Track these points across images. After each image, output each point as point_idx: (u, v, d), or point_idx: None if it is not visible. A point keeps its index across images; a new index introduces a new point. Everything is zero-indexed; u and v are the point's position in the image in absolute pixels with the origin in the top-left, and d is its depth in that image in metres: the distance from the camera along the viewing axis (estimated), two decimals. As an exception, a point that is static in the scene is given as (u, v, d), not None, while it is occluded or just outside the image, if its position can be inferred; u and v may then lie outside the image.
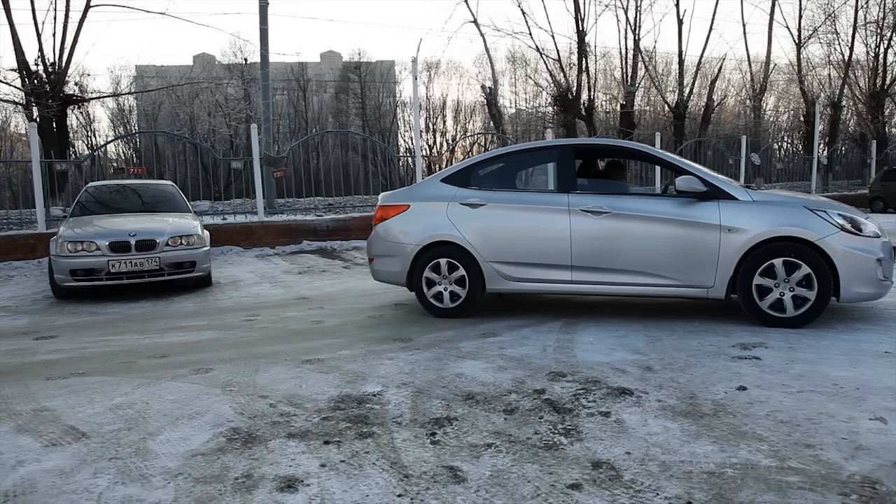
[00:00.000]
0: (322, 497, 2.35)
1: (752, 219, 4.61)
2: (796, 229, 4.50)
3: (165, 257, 6.83)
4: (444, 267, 5.35)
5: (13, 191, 17.69)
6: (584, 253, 4.98)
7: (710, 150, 21.05)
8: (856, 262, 4.44)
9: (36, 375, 4.06)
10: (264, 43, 15.68)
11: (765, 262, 4.55)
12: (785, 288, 4.55)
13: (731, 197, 4.71)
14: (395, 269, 5.55)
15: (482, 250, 5.23)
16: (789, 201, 4.72)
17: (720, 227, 4.64)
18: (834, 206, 4.71)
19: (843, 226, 4.50)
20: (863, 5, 24.16)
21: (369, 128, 41.17)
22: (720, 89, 29.81)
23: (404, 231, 5.51)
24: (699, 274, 4.72)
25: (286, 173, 13.12)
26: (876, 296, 4.63)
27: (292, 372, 3.94)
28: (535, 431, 2.91)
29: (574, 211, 5.00)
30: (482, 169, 5.60)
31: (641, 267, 4.85)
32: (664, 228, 4.78)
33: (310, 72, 46.84)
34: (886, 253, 4.60)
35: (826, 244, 4.44)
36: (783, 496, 2.26)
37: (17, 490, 2.48)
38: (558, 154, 5.38)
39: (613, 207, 4.92)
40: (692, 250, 4.70)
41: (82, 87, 16.16)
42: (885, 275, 4.58)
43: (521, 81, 42.41)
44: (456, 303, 5.36)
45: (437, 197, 5.48)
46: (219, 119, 36.43)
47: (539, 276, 5.15)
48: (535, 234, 5.14)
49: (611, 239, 4.92)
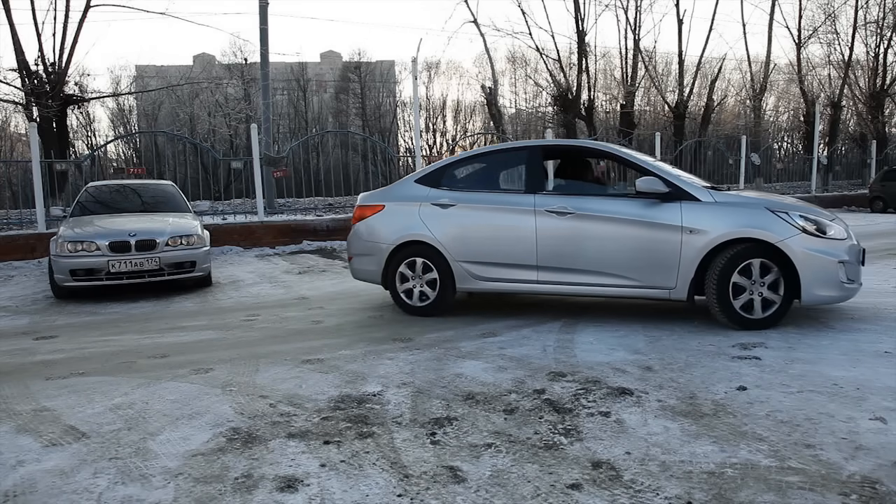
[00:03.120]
0: (322, 497, 2.35)
1: (713, 220, 4.56)
2: (757, 231, 4.45)
3: (165, 257, 6.83)
4: (415, 266, 5.46)
5: (13, 191, 17.69)
6: (549, 253, 5.01)
7: (710, 150, 21.05)
8: (817, 264, 4.39)
9: (36, 375, 4.06)
10: (264, 43, 15.67)
11: (736, 264, 4.49)
12: (756, 290, 4.52)
13: (693, 198, 4.67)
14: (372, 267, 5.67)
15: (452, 250, 5.31)
16: (751, 202, 4.65)
17: (681, 229, 4.60)
18: (797, 208, 4.65)
19: (804, 228, 4.44)
20: (863, 5, 24.16)
21: (369, 128, 41.17)
22: (720, 89, 29.81)
23: (379, 230, 5.63)
24: (661, 275, 4.70)
25: (286, 173, 13.11)
26: (840, 298, 4.58)
27: (292, 372, 3.94)
28: (535, 431, 2.91)
29: (539, 211, 5.04)
30: (454, 170, 5.70)
31: (604, 268, 4.86)
32: (626, 229, 4.77)
33: (310, 72, 46.83)
34: (852, 256, 4.55)
35: (786, 246, 4.39)
36: (783, 496, 2.26)
37: (17, 490, 2.48)
38: (527, 155, 5.40)
39: (577, 208, 4.94)
40: (654, 251, 4.68)
41: (82, 87, 16.16)
42: (851, 277, 4.52)
43: (521, 81, 42.41)
44: (426, 302, 5.45)
45: (411, 197, 5.57)
46: (219, 119, 36.43)
47: (506, 276, 5.20)
48: (502, 234, 5.20)
49: (574, 239, 4.94)
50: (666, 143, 21.15)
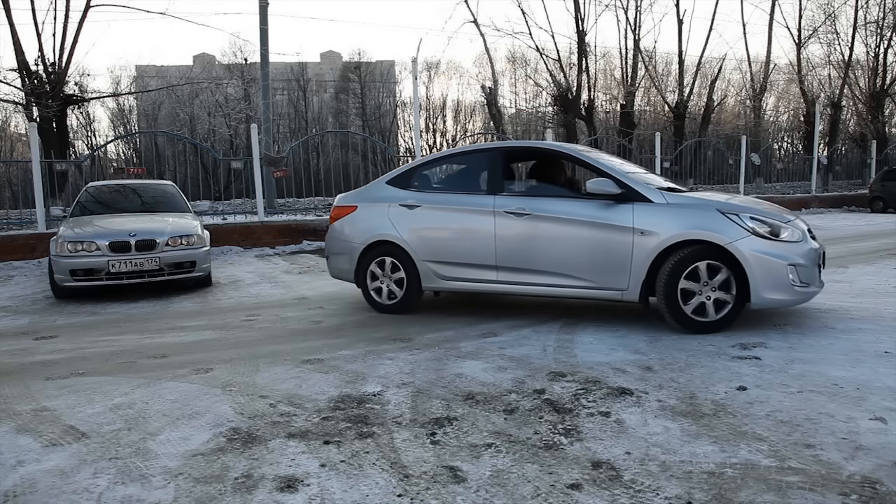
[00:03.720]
0: (322, 497, 2.35)
1: (663, 222, 4.53)
2: (706, 233, 4.41)
3: (165, 257, 6.83)
4: (384, 265, 5.62)
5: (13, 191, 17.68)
6: (507, 253, 5.08)
7: (710, 150, 21.06)
8: (766, 266, 4.32)
9: (36, 375, 4.06)
10: (264, 43, 15.68)
11: (685, 266, 4.46)
12: (707, 292, 4.48)
13: (646, 199, 4.65)
14: (346, 266, 5.85)
15: (417, 249, 5.43)
16: (702, 204, 4.60)
17: (633, 230, 4.59)
18: (748, 210, 4.56)
19: (754, 230, 4.38)
20: (863, 5, 24.18)
21: (369, 128, 41.16)
22: (720, 89, 29.80)
23: (352, 230, 5.81)
24: (614, 276, 4.70)
25: (286, 173, 13.11)
26: (792, 302, 4.52)
27: (292, 372, 3.94)
28: (535, 431, 2.91)
29: (498, 212, 5.10)
30: (422, 171, 5.80)
31: (559, 268, 4.89)
32: (580, 230, 4.79)
33: (310, 72, 46.83)
34: (807, 259, 4.46)
35: (735, 248, 4.33)
36: (783, 496, 2.26)
37: (17, 490, 2.48)
38: (490, 157, 5.46)
39: (534, 209, 4.98)
40: (607, 252, 4.69)
41: (82, 87, 16.18)
42: (804, 280, 4.43)
43: (521, 81, 42.40)
44: (393, 300, 5.60)
45: (381, 198, 5.72)
46: (219, 119, 36.43)
47: (468, 276, 5.29)
48: (464, 235, 5.29)
49: (531, 240, 4.99)
50: (666, 143, 21.13)
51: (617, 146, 20.36)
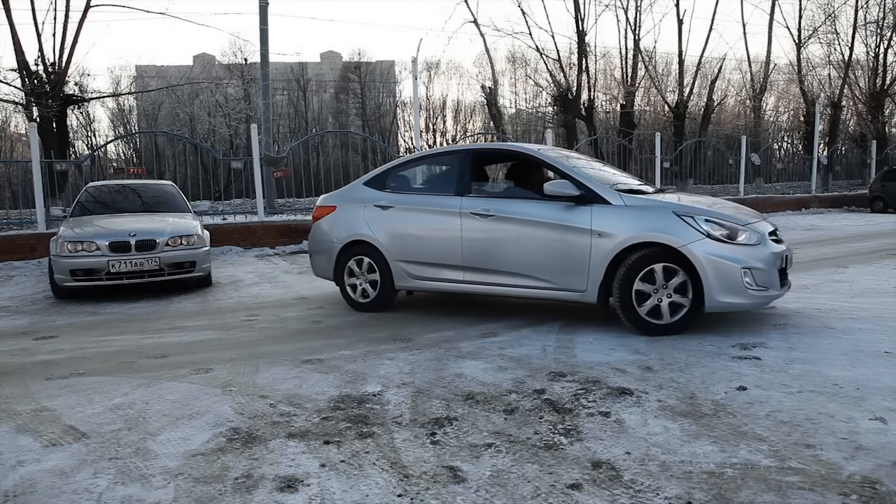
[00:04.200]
0: (322, 497, 2.35)
1: (620, 224, 4.55)
2: (660, 235, 4.41)
3: (165, 257, 6.83)
4: (360, 264, 5.77)
5: (13, 191, 17.68)
6: (473, 254, 5.17)
7: (710, 150, 21.06)
8: (720, 269, 4.28)
9: (36, 375, 4.06)
10: (264, 43, 15.68)
11: (640, 268, 4.46)
12: (662, 294, 4.47)
13: (604, 201, 4.67)
14: (325, 264, 6.03)
15: (390, 249, 5.56)
16: (659, 206, 4.60)
17: (591, 232, 4.62)
18: (704, 212, 4.52)
19: (708, 232, 4.36)
20: (863, 5, 24.17)
21: (369, 128, 41.16)
22: (720, 89, 29.79)
23: (331, 230, 5.97)
24: (573, 278, 4.73)
25: (286, 173, 13.11)
26: (748, 306, 4.46)
27: (292, 372, 3.94)
28: (535, 431, 2.91)
29: (465, 213, 5.19)
30: (396, 173, 5.93)
31: (521, 269, 4.95)
32: (541, 232, 4.83)
33: (310, 72, 46.81)
34: (766, 262, 4.41)
35: (689, 251, 4.32)
36: (783, 496, 2.26)
37: (17, 490, 2.48)
38: (458, 159, 5.56)
39: (498, 211, 5.05)
40: (566, 254, 4.72)
41: (82, 87, 16.17)
42: (762, 284, 4.38)
43: (521, 81, 42.40)
44: (367, 299, 5.75)
45: (358, 199, 5.88)
46: (219, 119, 36.42)
47: (437, 276, 5.40)
48: (432, 235, 5.40)
49: (494, 241, 5.07)
50: (666, 143, 21.13)
51: (617, 146, 20.35)
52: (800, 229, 13.24)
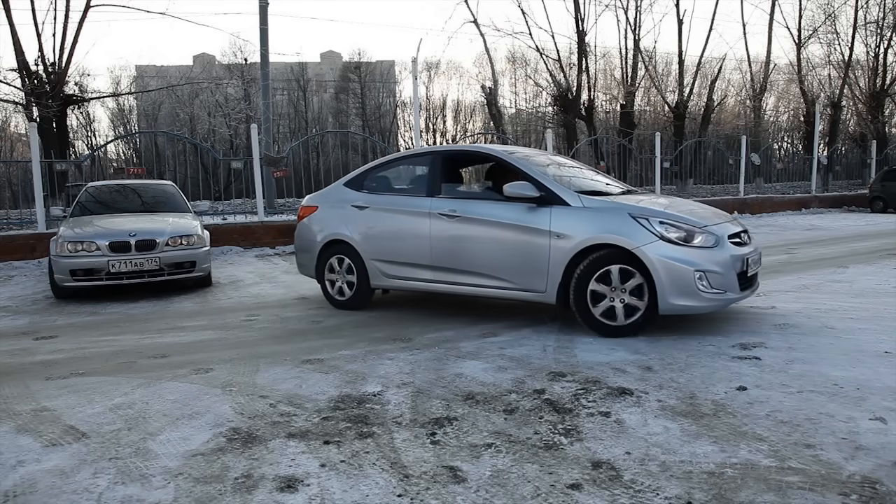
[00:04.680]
0: (322, 497, 2.35)
1: (577, 225, 4.59)
2: (615, 237, 4.43)
3: (165, 257, 6.83)
4: (338, 263, 5.93)
5: (13, 191, 17.69)
6: (440, 254, 5.26)
7: (710, 150, 21.06)
8: (673, 272, 4.26)
9: (36, 375, 4.06)
10: (264, 43, 15.68)
11: (595, 269, 4.47)
12: (617, 296, 4.47)
13: (564, 203, 4.71)
14: (308, 263, 6.21)
15: (366, 249, 5.71)
16: (615, 208, 4.62)
17: (550, 233, 4.66)
18: (660, 214, 4.50)
19: (662, 234, 4.35)
20: (863, 5, 24.18)
21: (369, 128, 41.16)
22: (720, 89, 29.80)
23: (313, 229, 6.13)
24: (533, 278, 4.77)
25: (286, 173, 13.11)
26: (702, 309, 4.43)
27: (292, 372, 3.94)
28: (535, 431, 2.91)
29: (433, 214, 5.30)
30: (373, 174, 6.06)
31: (484, 269, 5.03)
32: (504, 233, 4.89)
33: (310, 72, 46.81)
34: (722, 265, 4.36)
35: (642, 253, 4.32)
36: (783, 496, 2.26)
37: (17, 490, 2.48)
38: (429, 160, 5.66)
39: (464, 212, 5.14)
40: (527, 255, 4.77)
41: (82, 87, 16.17)
42: (717, 286, 4.35)
43: (521, 81, 42.40)
44: (345, 297, 5.91)
45: (338, 199, 6.04)
46: (219, 119, 36.43)
47: (408, 275, 5.52)
48: (404, 235, 5.51)
49: (460, 241, 5.15)
50: (666, 143, 21.13)
51: (617, 146, 20.35)
52: (800, 229, 13.24)
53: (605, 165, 18.98)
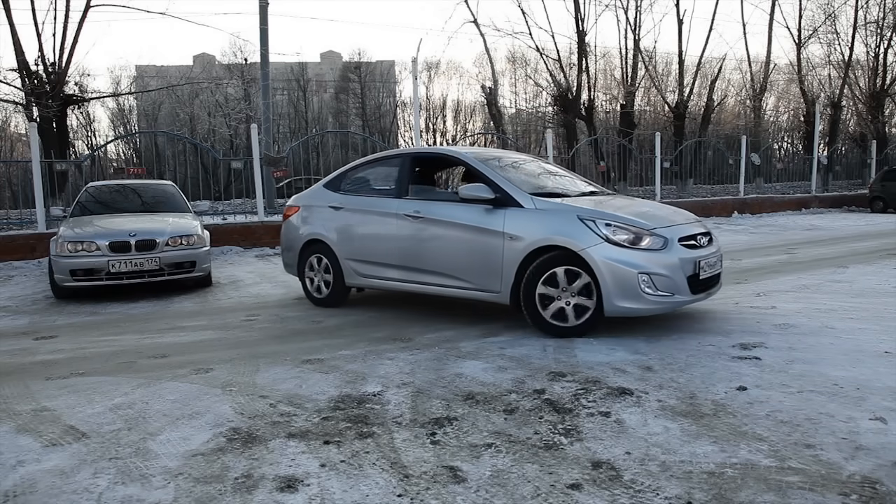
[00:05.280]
0: (322, 497, 2.35)
1: (529, 227, 4.64)
2: (562, 238, 4.46)
3: (165, 257, 6.83)
4: (317, 262, 6.10)
5: (13, 191, 17.69)
6: (406, 254, 5.39)
7: (710, 150, 21.06)
8: (617, 274, 4.29)
9: (36, 375, 4.06)
10: (264, 43, 15.67)
11: (544, 270, 4.50)
12: (565, 297, 4.48)
13: (518, 204, 4.76)
14: (291, 261, 6.41)
15: (340, 248, 5.88)
16: (565, 210, 4.64)
17: (504, 235, 4.72)
18: (607, 216, 4.51)
19: (607, 236, 4.37)
20: (863, 5, 24.17)
21: (369, 128, 41.16)
22: (720, 89, 29.81)
23: (295, 229, 6.34)
24: (489, 279, 4.84)
25: (286, 173, 13.12)
26: (646, 311, 4.41)
27: (292, 372, 3.94)
28: (535, 431, 2.91)
29: (400, 215, 5.42)
30: (349, 175, 6.21)
31: (445, 269, 5.13)
32: (462, 233, 4.98)
33: (310, 72, 46.80)
34: (669, 268, 4.35)
35: (587, 254, 4.35)
36: (783, 496, 2.26)
37: (17, 490, 2.48)
38: (400, 162, 5.79)
39: (427, 213, 5.25)
40: (482, 256, 4.85)
41: (82, 87, 16.17)
42: (664, 289, 4.34)
43: (521, 81, 42.39)
44: (322, 294, 6.09)
45: (317, 200, 6.22)
46: (219, 119, 36.43)
47: (378, 274, 5.65)
48: (374, 235, 5.67)
49: (423, 241, 5.27)
50: (666, 143, 21.14)
51: (617, 146, 20.36)
52: (800, 229, 13.24)
53: (605, 165, 18.98)
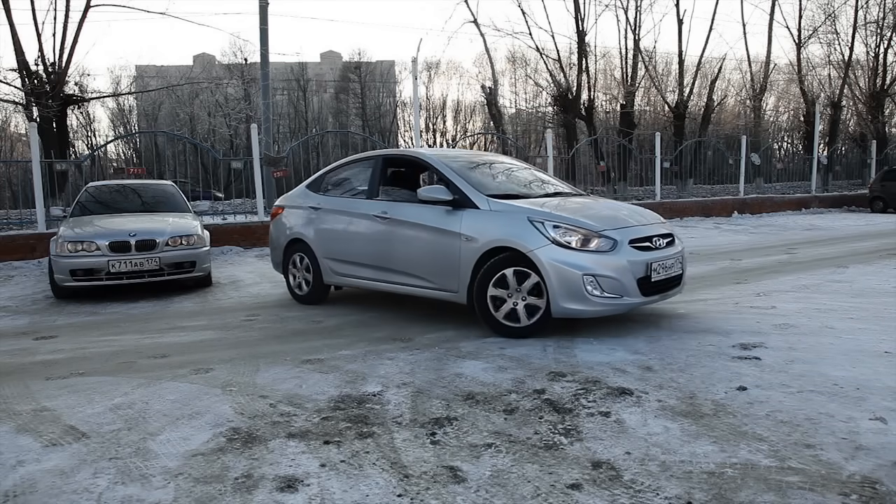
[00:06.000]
0: (322, 497, 2.35)
1: (483, 228, 4.71)
2: (512, 240, 4.51)
3: (165, 257, 6.83)
4: (300, 261, 6.28)
5: (13, 191, 17.69)
6: (376, 253, 5.51)
7: (710, 150, 21.06)
8: (562, 275, 4.31)
9: (36, 375, 4.06)
10: (264, 43, 15.65)
11: (495, 271, 4.55)
12: (517, 297, 4.52)
13: (475, 206, 4.83)
14: (277, 259, 6.63)
15: (318, 248, 6.04)
16: (516, 211, 4.66)
17: (460, 236, 4.80)
18: (556, 218, 4.53)
19: (555, 238, 4.39)
20: (863, 5, 24.18)
21: (369, 128, 41.17)
22: (720, 89, 29.81)
23: (279, 229, 6.55)
24: (447, 279, 4.93)
25: (286, 173, 13.11)
26: (592, 313, 4.41)
27: (292, 372, 3.94)
28: (535, 431, 2.91)
29: (370, 216, 5.55)
30: (328, 177, 6.37)
31: (409, 269, 5.24)
32: (425, 234, 5.08)
33: (310, 72, 46.83)
34: (617, 270, 4.35)
35: (535, 256, 4.39)
36: (783, 496, 2.26)
37: (17, 490, 2.48)
38: (372, 164, 5.91)
39: (394, 213, 5.37)
40: (442, 256, 4.94)
41: (82, 87, 16.18)
42: (610, 291, 4.34)
43: (521, 81, 42.42)
44: (303, 291, 6.27)
45: (300, 201, 6.39)
46: (219, 119, 36.47)
47: (352, 273, 5.78)
48: (347, 235, 5.81)
49: (390, 241, 5.39)
50: (666, 143, 21.14)
51: (617, 146, 20.36)
52: (800, 229, 13.24)
53: (605, 165, 18.98)
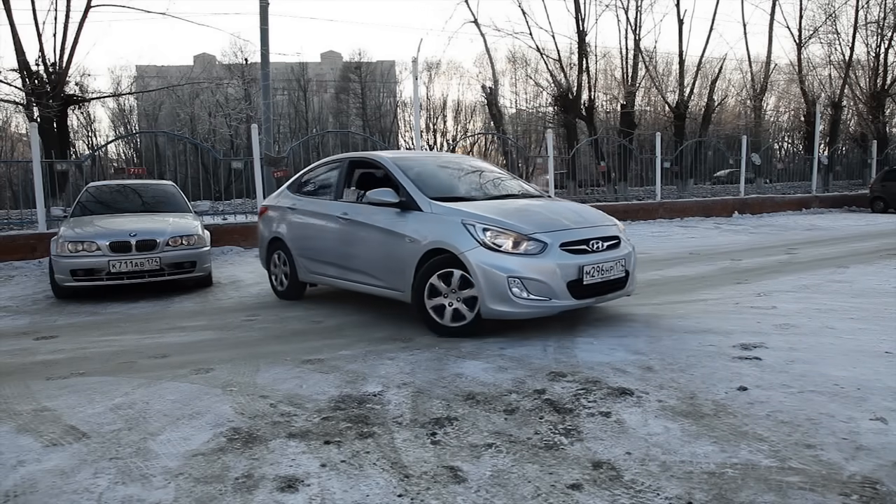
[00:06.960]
0: (322, 497, 2.35)
1: (424, 230, 4.83)
2: (447, 242, 4.61)
3: (166, 257, 6.83)
4: (279, 258, 6.56)
5: (13, 191, 17.70)
6: (338, 253, 5.72)
7: (711, 150, 21.06)
8: (489, 277, 4.39)
9: (36, 375, 4.06)
10: (265, 43, 15.65)
11: (430, 273, 4.68)
12: (453, 298, 4.62)
13: (419, 208, 4.97)
14: (263, 257, 6.93)
15: (294, 247, 6.30)
16: (452, 214, 4.75)
17: (405, 237, 4.94)
18: (486, 220, 4.60)
19: (483, 241, 4.47)
20: (863, 5, 24.16)
21: (370, 128, 41.16)
22: (720, 89, 29.81)
23: (263, 228, 6.85)
24: (396, 279, 5.07)
25: (286, 173, 13.08)
26: (520, 314, 4.45)
27: (293, 372, 3.94)
28: (536, 431, 2.91)
29: (333, 216, 5.76)
30: (305, 178, 6.61)
31: (365, 268, 5.43)
32: (377, 235, 5.24)
33: (310, 72, 46.82)
34: (544, 273, 4.38)
35: (465, 257, 4.48)
36: (783, 496, 2.26)
37: (18, 490, 2.48)
38: (339, 166, 6.14)
39: (353, 214, 5.55)
40: (392, 256, 5.09)
41: (83, 88, 16.22)
42: (537, 294, 4.37)
43: (522, 81, 42.38)
44: (283, 287, 6.56)
45: (281, 201, 6.63)
46: (219, 119, 36.46)
47: (322, 271, 5.99)
48: (316, 235, 6.02)
49: (349, 242, 5.59)
50: (666, 143, 21.14)
51: (617, 146, 20.35)
52: (800, 229, 13.24)
53: (605, 166, 18.98)
